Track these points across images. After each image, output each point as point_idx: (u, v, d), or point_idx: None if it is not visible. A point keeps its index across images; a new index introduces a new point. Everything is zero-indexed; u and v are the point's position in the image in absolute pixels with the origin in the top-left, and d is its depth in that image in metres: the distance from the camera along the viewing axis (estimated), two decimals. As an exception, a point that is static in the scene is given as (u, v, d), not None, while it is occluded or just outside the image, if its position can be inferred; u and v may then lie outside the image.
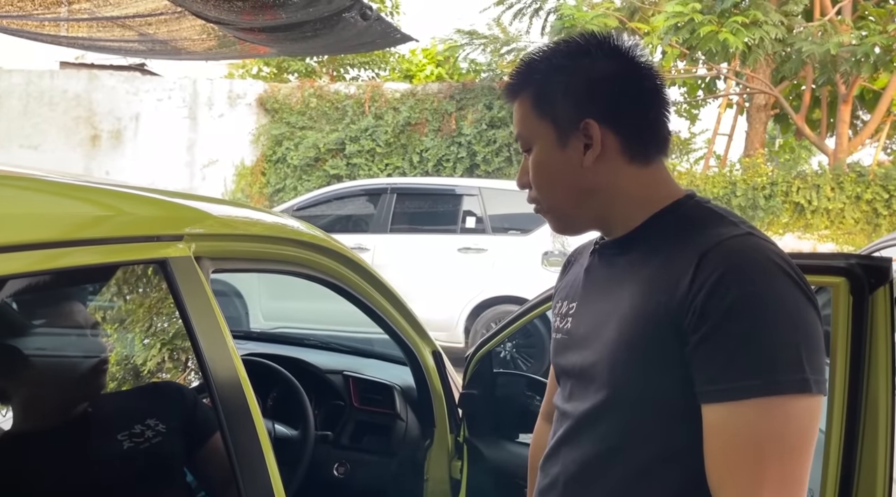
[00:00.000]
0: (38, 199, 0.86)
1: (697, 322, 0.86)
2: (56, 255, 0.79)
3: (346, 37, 6.24)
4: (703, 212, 0.99)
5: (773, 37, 7.57)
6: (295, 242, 1.45)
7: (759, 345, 0.83)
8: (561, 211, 1.05)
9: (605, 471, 0.98)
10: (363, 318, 1.94)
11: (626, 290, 0.98)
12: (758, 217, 8.88)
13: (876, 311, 1.15)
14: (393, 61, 14.08)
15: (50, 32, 7.10)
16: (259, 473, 1.08)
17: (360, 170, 9.94)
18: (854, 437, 1.21)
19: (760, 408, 0.82)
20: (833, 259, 1.19)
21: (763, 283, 0.85)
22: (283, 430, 1.93)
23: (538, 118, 1.02)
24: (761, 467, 0.82)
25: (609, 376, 0.96)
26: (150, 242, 0.98)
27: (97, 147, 10.57)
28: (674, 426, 0.93)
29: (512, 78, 1.07)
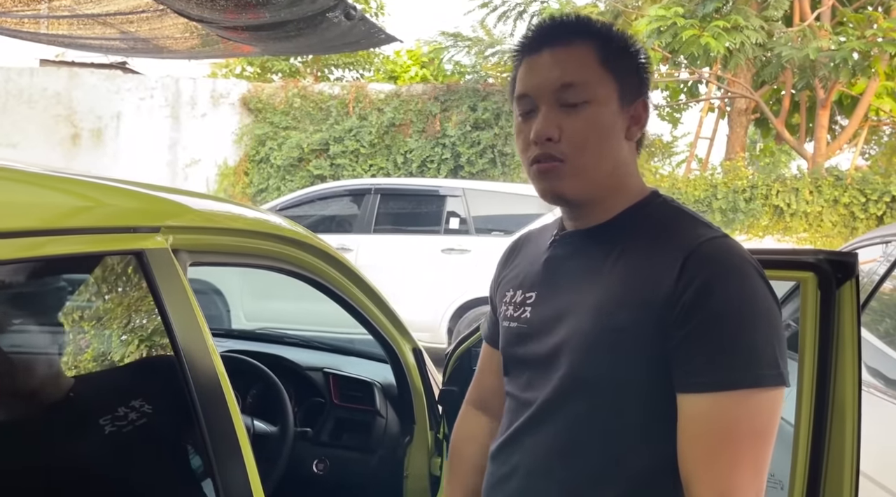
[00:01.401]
0: (14, 188, 0.86)
1: (684, 318, 0.90)
2: (31, 244, 0.80)
3: (330, 37, 6.23)
4: (675, 211, 1.03)
5: (754, 41, 7.68)
6: (275, 238, 1.45)
7: (742, 342, 0.88)
8: (586, 173, 1.00)
9: (570, 461, 0.99)
10: (346, 319, 1.94)
11: (599, 282, 0.99)
12: (738, 220, 8.99)
13: (843, 304, 1.18)
14: (377, 62, 14.08)
15: (30, 30, 7.03)
16: (236, 468, 1.08)
17: (343, 170, 9.93)
18: (822, 429, 1.24)
19: (741, 399, 0.87)
20: (802, 254, 1.21)
21: (744, 285, 0.91)
22: (262, 426, 1.92)
23: (604, 72, 0.99)
24: (737, 453, 0.87)
25: (576, 366, 0.97)
26: (127, 234, 0.98)
27: (78, 146, 10.47)
28: (638, 418, 0.96)
29: (564, 19, 1.04)
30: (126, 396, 1.04)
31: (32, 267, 0.87)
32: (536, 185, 1.03)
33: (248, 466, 1.09)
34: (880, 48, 7.88)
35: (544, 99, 1.00)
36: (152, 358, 1.10)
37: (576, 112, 0.98)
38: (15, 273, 0.89)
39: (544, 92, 0.99)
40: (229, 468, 1.06)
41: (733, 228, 9.05)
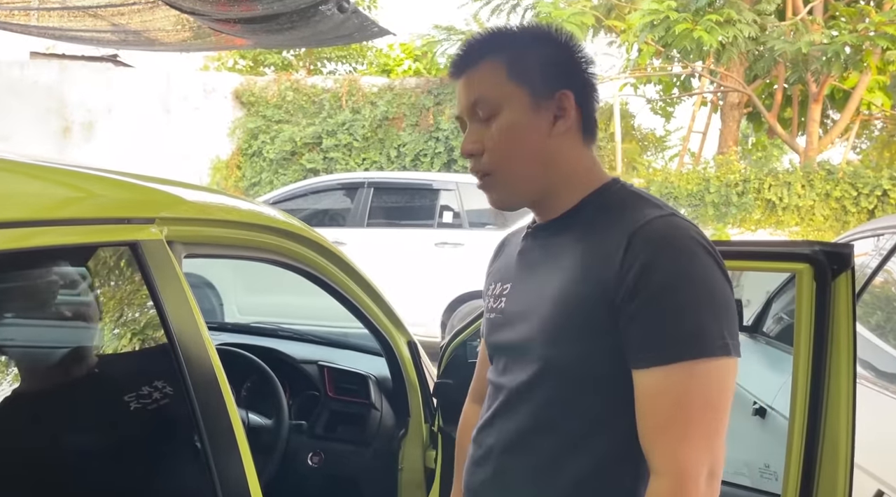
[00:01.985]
0: (7, 179, 0.85)
1: (630, 296, 0.94)
2: (24, 234, 0.79)
3: (322, 29, 6.20)
4: (629, 195, 1.06)
5: (747, 35, 7.69)
6: (270, 230, 1.45)
7: (686, 315, 0.92)
8: (514, 180, 1.06)
9: (538, 441, 1.04)
10: (339, 313, 1.94)
11: (560, 268, 1.04)
12: (730, 213, 9.02)
13: (838, 296, 1.19)
14: (370, 55, 14.03)
15: (20, 21, 6.97)
16: (232, 459, 1.08)
17: (336, 164, 9.91)
18: (817, 419, 1.25)
19: (688, 370, 0.91)
20: (798, 246, 1.22)
21: (687, 261, 0.94)
22: (256, 419, 1.92)
23: (512, 83, 1.04)
24: (689, 423, 0.91)
25: (543, 349, 1.02)
26: (122, 225, 0.97)
27: (69, 139, 10.40)
28: (601, 398, 1.00)
29: (474, 44, 1.09)
30: (124, 389, 1.04)
31: (26, 257, 0.86)
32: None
33: (244, 457, 1.09)
34: (872, 42, 7.91)
35: (468, 118, 1.08)
36: (149, 350, 1.09)
37: (489, 125, 1.05)
38: (8, 263, 0.89)
39: (464, 112, 1.08)
40: (225, 458, 1.06)
41: (726, 222, 9.09)
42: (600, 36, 10.61)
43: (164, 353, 1.02)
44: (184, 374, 1.03)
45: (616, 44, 10.48)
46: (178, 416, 1.07)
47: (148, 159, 9.97)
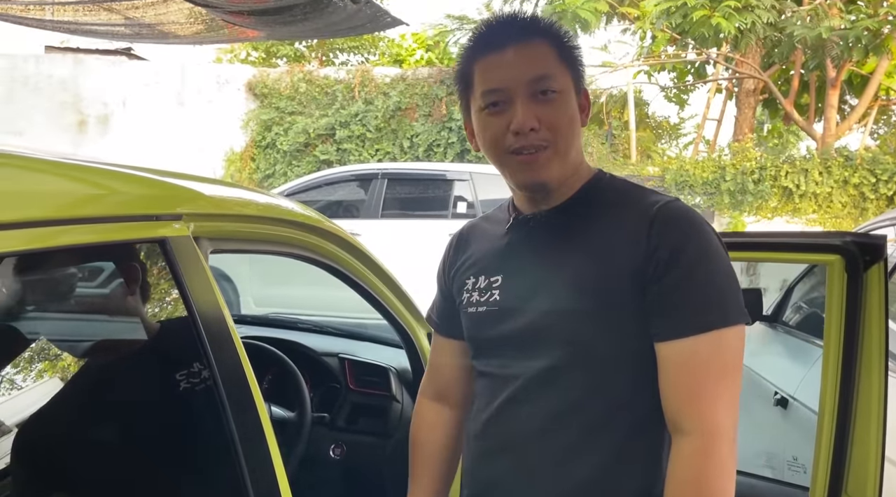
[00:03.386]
0: (36, 177, 0.85)
1: (660, 274, 1.00)
2: (54, 232, 0.79)
3: (335, 20, 6.19)
4: (625, 184, 1.14)
5: (765, 21, 7.59)
6: (292, 224, 1.45)
7: (712, 288, 0.99)
8: (568, 156, 1.08)
9: (566, 424, 1.06)
10: (355, 304, 1.94)
11: (576, 251, 1.07)
12: (746, 201, 8.94)
13: (870, 288, 1.18)
14: (383, 46, 14.00)
15: (35, 16, 7.01)
16: (260, 450, 1.09)
17: (350, 155, 9.91)
18: (847, 412, 1.24)
19: (715, 339, 0.97)
20: (828, 237, 1.21)
21: (706, 240, 1.01)
22: (279, 412, 1.93)
23: (562, 66, 1.08)
24: (718, 385, 0.97)
25: (567, 333, 1.05)
26: (150, 222, 0.98)
27: (84, 132, 10.47)
28: (625, 376, 1.04)
29: (520, 19, 1.11)
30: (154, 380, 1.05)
31: (57, 255, 0.87)
32: (519, 176, 1.09)
33: (272, 448, 1.10)
34: (893, 26, 7.78)
35: (519, 91, 1.05)
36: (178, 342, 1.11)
37: (549, 101, 1.05)
38: (40, 261, 0.89)
39: (519, 85, 1.05)
40: (253, 450, 1.07)
41: (742, 210, 9.01)
42: (613, 23, 10.51)
43: (192, 347, 1.03)
44: (211, 365, 1.04)
45: (630, 31, 10.39)
46: (207, 408, 1.08)
47: (163, 152, 10.03)
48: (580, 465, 1.05)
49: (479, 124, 1.11)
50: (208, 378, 1.05)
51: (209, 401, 1.05)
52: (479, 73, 1.09)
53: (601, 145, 9.71)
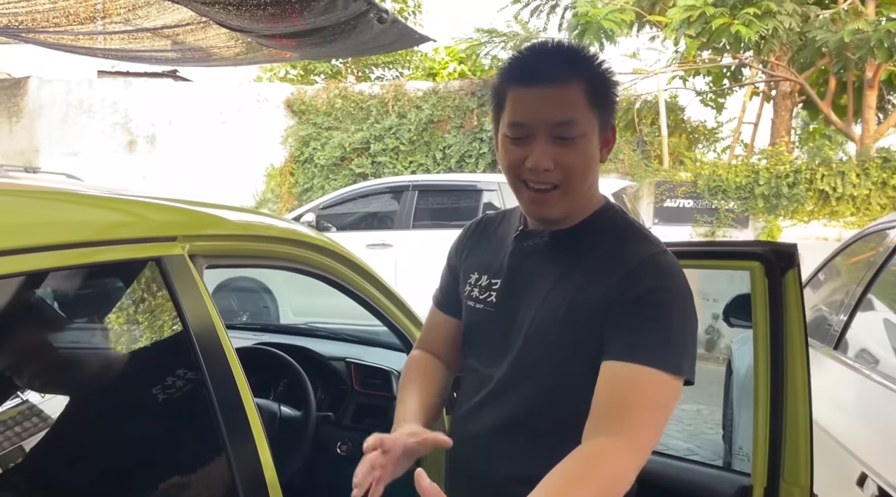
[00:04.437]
0: (46, 207, 1.05)
1: (622, 311, 1.07)
2: (59, 256, 0.98)
3: (364, 39, 6.41)
4: (626, 224, 1.19)
5: (788, 26, 7.53)
6: (284, 241, 1.61)
7: (667, 337, 1.06)
8: (577, 196, 1.15)
9: (523, 427, 1.17)
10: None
11: (563, 282, 1.15)
12: (781, 205, 8.84)
13: (788, 289, 1.30)
14: (416, 60, 14.26)
15: (85, 45, 7.43)
16: (250, 455, 1.20)
17: (384, 168, 10.15)
18: (779, 395, 1.35)
19: (656, 376, 1.04)
20: (750, 246, 1.33)
21: (675, 296, 1.08)
22: (288, 411, 2.11)
23: (591, 110, 1.11)
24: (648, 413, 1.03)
25: (539, 352, 1.14)
26: (146, 243, 1.16)
27: (134, 152, 10.96)
28: (579, 401, 1.10)
29: (556, 56, 1.14)
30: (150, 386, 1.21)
31: (71, 274, 1.06)
32: (527, 207, 1.18)
33: (262, 454, 1.22)
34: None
35: (541, 131, 1.10)
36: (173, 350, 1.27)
37: (569, 144, 1.10)
38: (56, 280, 1.09)
39: (543, 125, 1.10)
40: (243, 455, 1.19)
41: (777, 214, 8.92)
42: (644, 30, 10.53)
43: (185, 353, 1.18)
44: (203, 373, 1.16)
45: (660, 38, 10.39)
46: (199, 410, 1.19)
47: (207, 168, 10.45)
48: (527, 463, 1.11)
49: (502, 147, 1.17)
50: (201, 385, 1.15)
51: (202, 408, 1.16)
52: (510, 102, 1.14)
53: (632, 152, 9.72)
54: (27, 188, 1.18)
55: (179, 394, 1.24)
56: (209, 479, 1.24)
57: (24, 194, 1.11)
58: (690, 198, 9.24)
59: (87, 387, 1.19)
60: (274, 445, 1.61)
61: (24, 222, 0.98)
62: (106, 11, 6.35)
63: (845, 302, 2.48)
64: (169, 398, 1.23)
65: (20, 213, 1.00)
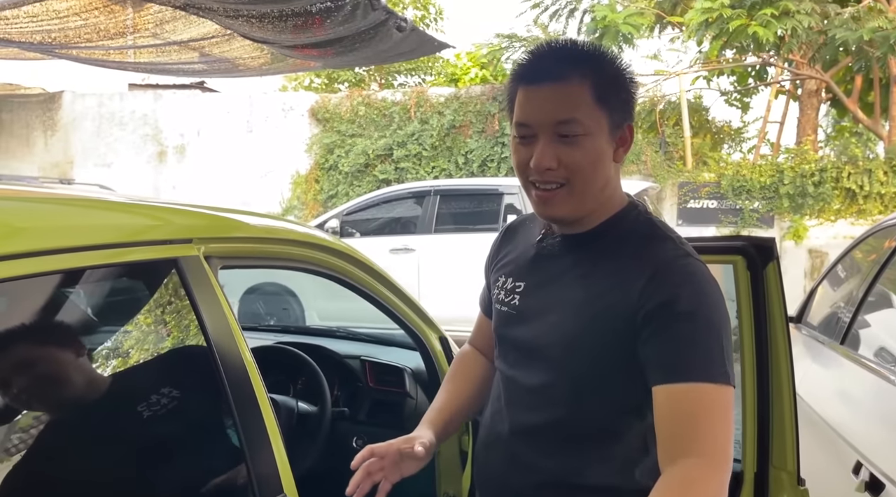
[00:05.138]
0: (73, 212, 1.16)
1: (650, 324, 1.06)
2: (84, 256, 1.08)
3: (383, 48, 6.53)
4: (648, 225, 1.18)
5: (807, 26, 7.48)
6: (296, 243, 1.70)
7: (700, 347, 1.04)
8: (584, 196, 1.13)
9: (540, 434, 1.18)
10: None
11: (582, 285, 1.15)
12: (807, 205, 8.76)
13: (769, 282, 1.35)
14: (438, 66, 14.38)
15: (116, 59, 7.66)
16: (265, 448, 1.26)
17: (407, 173, 10.25)
18: (765, 384, 1.41)
19: (699, 391, 1.03)
20: (732, 241, 1.39)
21: (704, 300, 1.07)
22: (305, 406, 2.21)
23: (598, 108, 1.10)
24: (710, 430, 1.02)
25: (562, 354, 1.15)
26: (164, 245, 1.26)
27: (164, 162, 11.21)
28: (606, 406, 1.13)
29: (559, 54, 1.13)
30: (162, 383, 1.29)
31: (93, 275, 1.16)
32: (535, 207, 1.18)
33: (276, 446, 1.27)
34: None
35: (543, 130, 1.11)
36: (189, 346, 1.36)
37: (572, 143, 1.10)
38: (83, 279, 1.19)
39: (544, 124, 1.10)
40: (258, 448, 1.25)
41: (803, 213, 8.83)
42: (665, 31, 10.51)
43: (200, 350, 1.24)
44: (219, 369, 1.23)
45: (680, 39, 10.36)
46: (214, 403, 1.27)
47: (234, 177, 10.66)
48: (551, 473, 1.16)
49: (512, 148, 1.17)
50: (216, 379, 1.21)
51: (216, 402, 1.22)
52: (517, 103, 1.14)
53: (655, 153, 9.70)
54: (58, 195, 1.29)
55: (195, 387, 1.33)
56: (224, 471, 1.30)
57: (55, 201, 1.22)
58: (714, 198, 9.20)
59: (106, 379, 1.29)
60: (291, 439, 1.70)
61: (55, 226, 1.09)
62: (135, 26, 6.56)
63: (852, 297, 2.51)
64: (184, 391, 1.32)
65: (49, 217, 1.11)
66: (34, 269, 1.02)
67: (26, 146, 11.38)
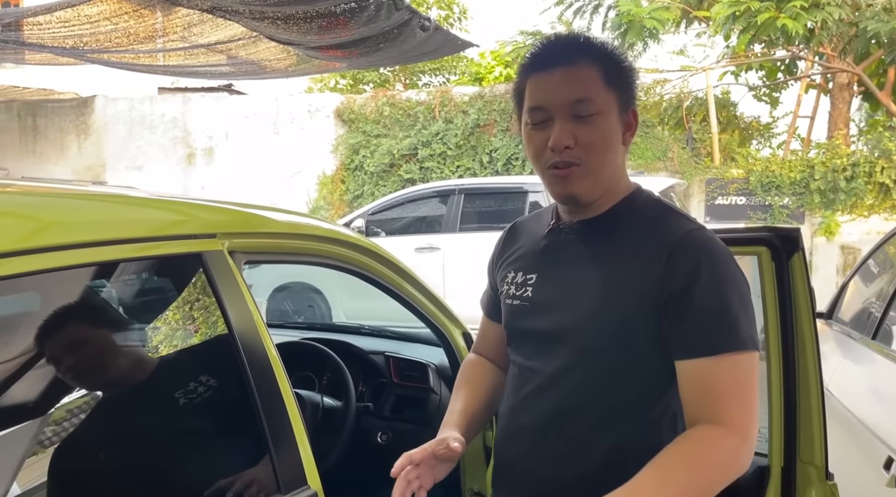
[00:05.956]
0: (103, 207, 1.19)
1: (676, 298, 1.08)
2: (111, 251, 1.11)
3: (407, 48, 6.57)
4: (659, 205, 1.22)
5: (837, 18, 7.32)
6: (320, 238, 1.72)
7: (727, 316, 1.07)
8: (598, 175, 1.16)
9: (569, 420, 1.18)
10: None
11: (600, 266, 1.17)
12: (839, 200, 8.59)
13: (794, 273, 1.33)
14: (462, 65, 14.38)
15: (145, 62, 7.80)
16: (287, 438, 1.27)
17: (432, 173, 10.27)
18: (791, 377, 1.39)
19: (729, 361, 1.07)
20: (756, 232, 1.37)
21: (724, 269, 1.10)
22: (330, 401, 2.23)
23: (606, 89, 1.14)
24: (737, 400, 1.06)
25: (584, 337, 1.16)
26: (189, 240, 1.28)
27: (193, 164, 11.37)
28: (630, 384, 1.15)
29: (569, 40, 1.19)
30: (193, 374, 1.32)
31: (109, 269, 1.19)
32: (553, 188, 1.20)
33: (300, 440, 1.28)
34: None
35: (559, 111, 1.14)
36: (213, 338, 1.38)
37: (587, 122, 1.13)
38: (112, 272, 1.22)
39: (559, 105, 1.14)
40: (282, 441, 1.26)
41: (834, 209, 8.67)
42: (692, 26, 10.38)
43: (225, 343, 1.26)
44: (242, 361, 1.25)
45: (707, 34, 10.23)
46: (238, 395, 1.28)
47: (262, 178, 10.77)
48: (582, 460, 1.16)
49: (525, 137, 1.20)
50: (240, 372, 1.23)
51: (240, 394, 1.23)
52: (529, 91, 1.18)
53: (682, 150, 9.59)
54: (87, 192, 1.32)
55: (219, 380, 1.36)
56: (248, 463, 1.30)
57: (84, 197, 1.25)
58: (743, 195, 9.07)
59: (135, 372, 1.32)
60: (316, 434, 1.72)
61: (84, 220, 1.12)
62: (164, 30, 6.67)
63: (884, 292, 2.46)
64: (210, 384, 1.35)
65: (79, 212, 1.14)
66: (66, 261, 1.04)
67: (60, 150, 11.62)
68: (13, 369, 1.10)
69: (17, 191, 1.27)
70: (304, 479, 1.28)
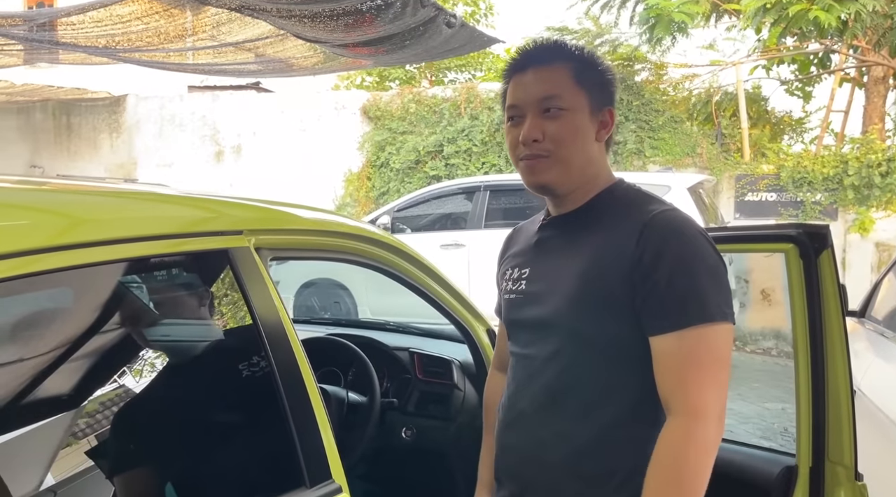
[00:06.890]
0: (133, 206, 1.21)
1: (645, 276, 1.15)
2: (140, 247, 1.13)
3: (433, 44, 6.58)
4: (634, 193, 1.29)
5: (871, 9, 7.15)
6: (345, 235, 1.74)
7: (694, 290, 1.13)
8: (567, 165, 1.24)
9: (563, 400, 1.24)
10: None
11: (580, 253, 1.24)
12: (874, 196, 8.40)
13: (823, 271, 1.31)
14: (488, 62, 14.33)
15: (175, 61, 7.92)
16: (313, 432, 1.29)
17: (458, 170, 10.26)
18: (820, 375, 1.37)
19: (696, 334, 1.12)
20: (783, 228, 1.35)
21: (692, 245, 1.16)
22: (355, 397, 2.25)
23: (577, 88, 1.24)
24: (701, 373, 1.11)
25: (568, 320, 1.23)
26: (215, 236, 1.30)
27: (221, 162, 11.51)
28: (617, 364, 1.21)
29: (544, 45, 1.28)
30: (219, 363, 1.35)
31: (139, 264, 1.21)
32: (525, 178, 1.29)
33: (324, 434, 1.30)
34: None
35: (530, 108, 1.25)
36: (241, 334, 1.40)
37: (555, 117, 1.23)
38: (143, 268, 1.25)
39: (530, 103, 1.25)
40: (307, 434, 1.28)
41: (869, 205, 8.48)
42: (722, 20, 10.22)
43: (251, 337, 1.30)
44: (268, 355, 1.28)
45: (737, 27, 10.06)
46: (263, 388, 1.30)
47: (289, 175, 10.86)
48: (576, 438, 1.22)
49: (505, 133, 1.31)
50: (266, 366, 1.29)
51: (266, 387, 1.25)
52: (508, 91, 1.29)
53: (711, 145, 9.46)
54: (117, 189, 1.35)
55: (246, 373, 1.39)
56: (273, 457, 1.33)
57: (114, 194, 1.28)
58: (773, 191, 8.92)
59: (165, 364, 1.35)
60: (342, 429, 1.73)
61: (114, 218, 1.15)
62: (194, 29, 6.76)
63: (918, 290, 2.40)
64: (237, 377, 1.38)
65: (109, 210, 1.17)
66: (99, 258, 1.07)
67: (93, 148, 11.85)
68: (47, 363, 1.13)
69: (52, 188, 1.31)
70: (329, 473, 1.31)
